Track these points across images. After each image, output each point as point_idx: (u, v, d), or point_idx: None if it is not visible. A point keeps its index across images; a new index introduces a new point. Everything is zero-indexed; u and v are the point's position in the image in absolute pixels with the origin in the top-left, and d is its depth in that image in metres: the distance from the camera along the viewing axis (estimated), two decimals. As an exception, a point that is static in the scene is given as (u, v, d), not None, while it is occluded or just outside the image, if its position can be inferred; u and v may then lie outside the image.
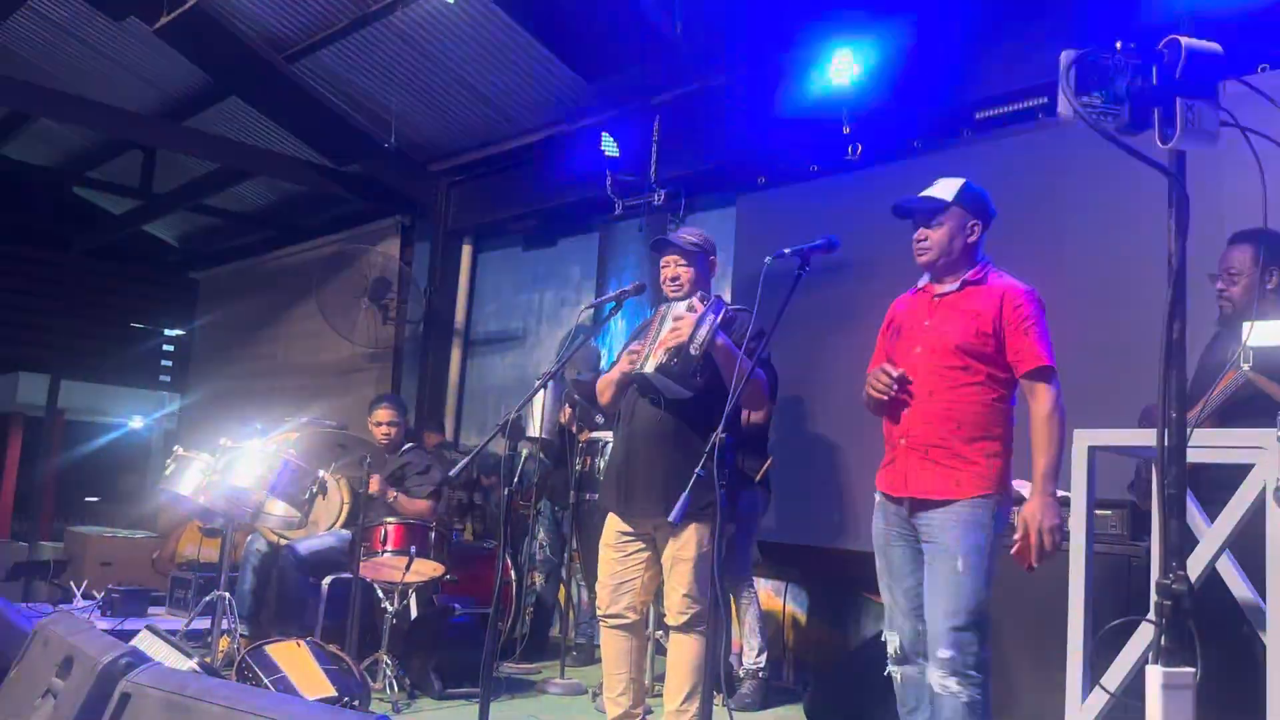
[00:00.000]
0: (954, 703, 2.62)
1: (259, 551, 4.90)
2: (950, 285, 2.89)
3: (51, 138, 9.15)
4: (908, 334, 2.93)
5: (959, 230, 2.87)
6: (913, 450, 2.81)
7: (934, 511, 2.73)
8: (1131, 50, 1.68)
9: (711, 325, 3.09)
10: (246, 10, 6.40)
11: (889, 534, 2.87)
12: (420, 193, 7.55)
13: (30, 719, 2.49)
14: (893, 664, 2.87)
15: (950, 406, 2.77)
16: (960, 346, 2.79)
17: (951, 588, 2.66)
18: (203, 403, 10.10)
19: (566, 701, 4.38)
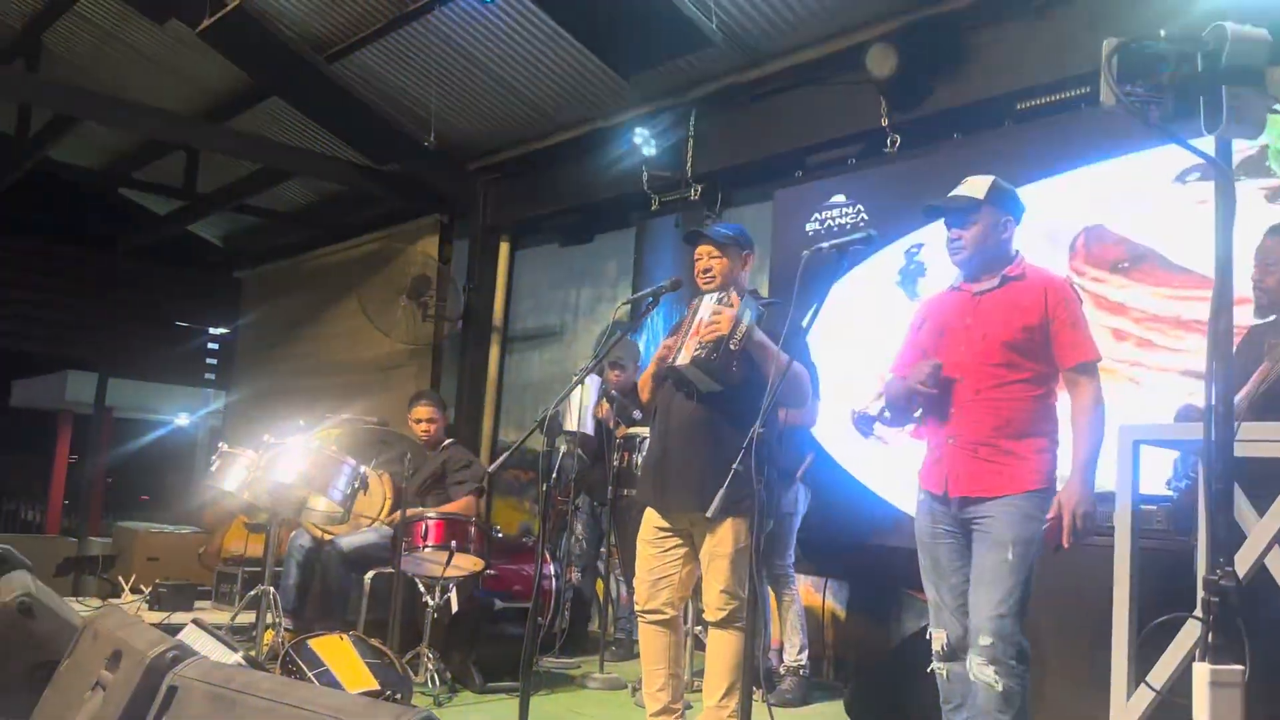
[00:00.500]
0: (990, 691, 2.63)
1: (303, 546, 4.97)
2: (990, 282, 2.88)
3: (97, 140, 9.31)
4: (949, 334, 2.92)
5: (993, 228, 2.87)
6: (961, 449, 2.81)
7: (986, 504, 2.75)
8: (1176, 37, 1.65)
9: (750, 319, 3.08)
10: (287, 11, 6.47)
11: (934, 531, 2.87)
12: (458, 191, 7.60)
13: (80, 711, 2.54)
14: (938, 660, 2.87)
15: (998, 404, 2.78)
16: (1007, 343, 2.78)
17: (999, 577, 2.67)
18: (247, 400, 10.23)
19: (606, 696, 4.40)
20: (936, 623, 2.88)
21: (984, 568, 2.72)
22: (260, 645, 4.28)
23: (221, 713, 2.04)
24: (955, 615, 2.82)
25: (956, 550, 2.83)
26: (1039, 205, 2.98)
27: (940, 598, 2.86)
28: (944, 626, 2.85)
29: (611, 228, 6.89)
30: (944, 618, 2.85)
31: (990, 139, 4.75)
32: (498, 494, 7.24)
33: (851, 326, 5.00)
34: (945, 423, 2.86)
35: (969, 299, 2.91)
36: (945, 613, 2.85)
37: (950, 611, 2.83)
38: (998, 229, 2.88)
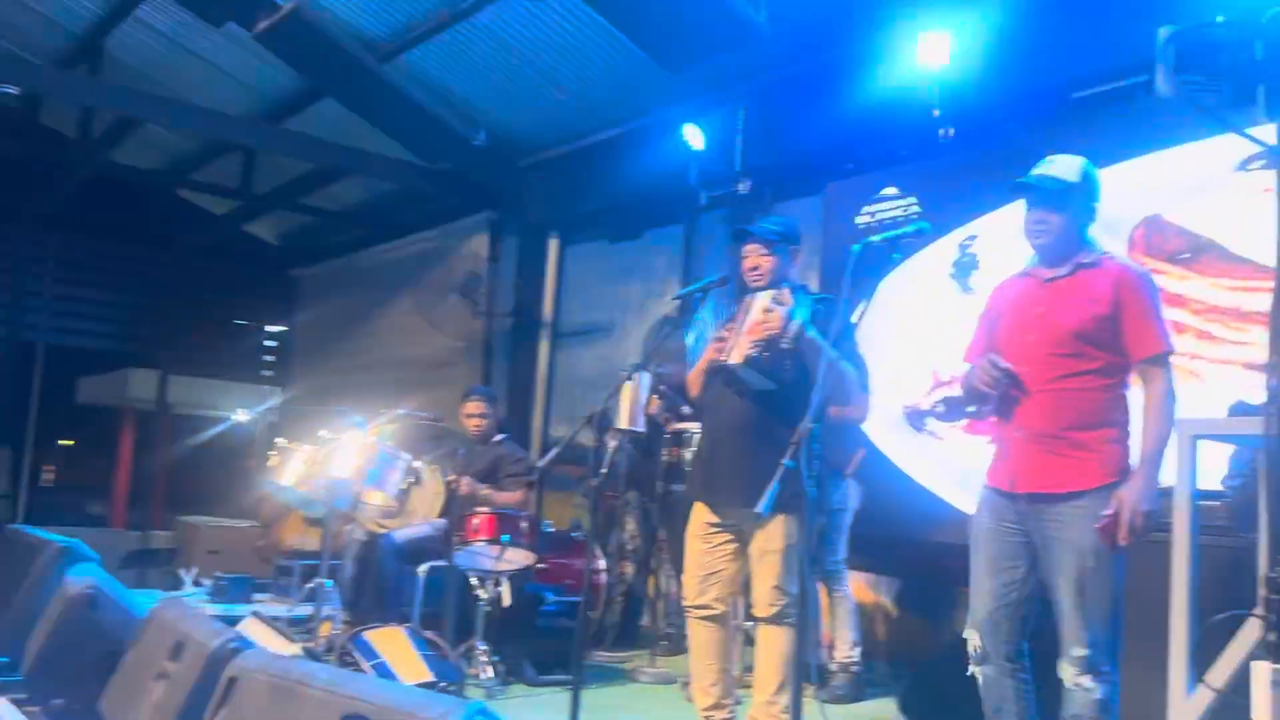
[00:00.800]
0: (1088, 698, 2.57)
1: (359, 540, 5.04)
2: (1062, 269, 2.77)
3: (156, 142, 9.51)
4: (1017, 321, 2.82)
5: (1080, 214, 2.77)
6: (1029, 443, 2.72)
7: (1059, 506, 2.65)
8: (1234, 24, 1.62)
9: (801, 320, 3.06)
10: (340, 13, 6.56)
11: (993, 527, 2.78)
12: (508, 188, 7.65)
13: (145, 700, 2.61)
14: (973, 663, 2.80)
15: (1067, 395, 2.68)
16: (1077, 333, 2.68)
17: (1084, 586, 2.59)
18: (303, 396, 10.40)
19: (656, 691, 4.41)
20: (972, 622, 2.80)
21: (1067, 577, 2.62)
22: (318, 637, 4.35)
23: (280, 703, 2.08)
24: (992, 615, 2.75)
25: (1015, 548, 2.74)
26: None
27: (980, 597, 2.78)
28: (977, 627, 2.78)
29: (660, 223, 6.89)
30: (980, 618, 2.78)
31: (1045, 128, 4.67)
32: (548, 489, 7.28)
33: (903, 320, 4.96)
34: (1012, 415, 2.77)
35: (1038, 285, 2.81)
36: (983, 613, 2.77)
37: (989, 611, 2.76)
38: (1085, 215, 2.77)
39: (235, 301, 11.36)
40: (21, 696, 3.26)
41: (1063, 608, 2.63)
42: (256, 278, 11.34)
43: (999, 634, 2.74)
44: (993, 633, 2.75)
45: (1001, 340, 2.85)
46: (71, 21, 7.78)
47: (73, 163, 9.04)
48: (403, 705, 1.85)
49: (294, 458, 4.71)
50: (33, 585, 3.65)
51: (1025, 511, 2.72)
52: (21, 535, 4.16)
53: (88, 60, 7.95)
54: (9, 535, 4.33)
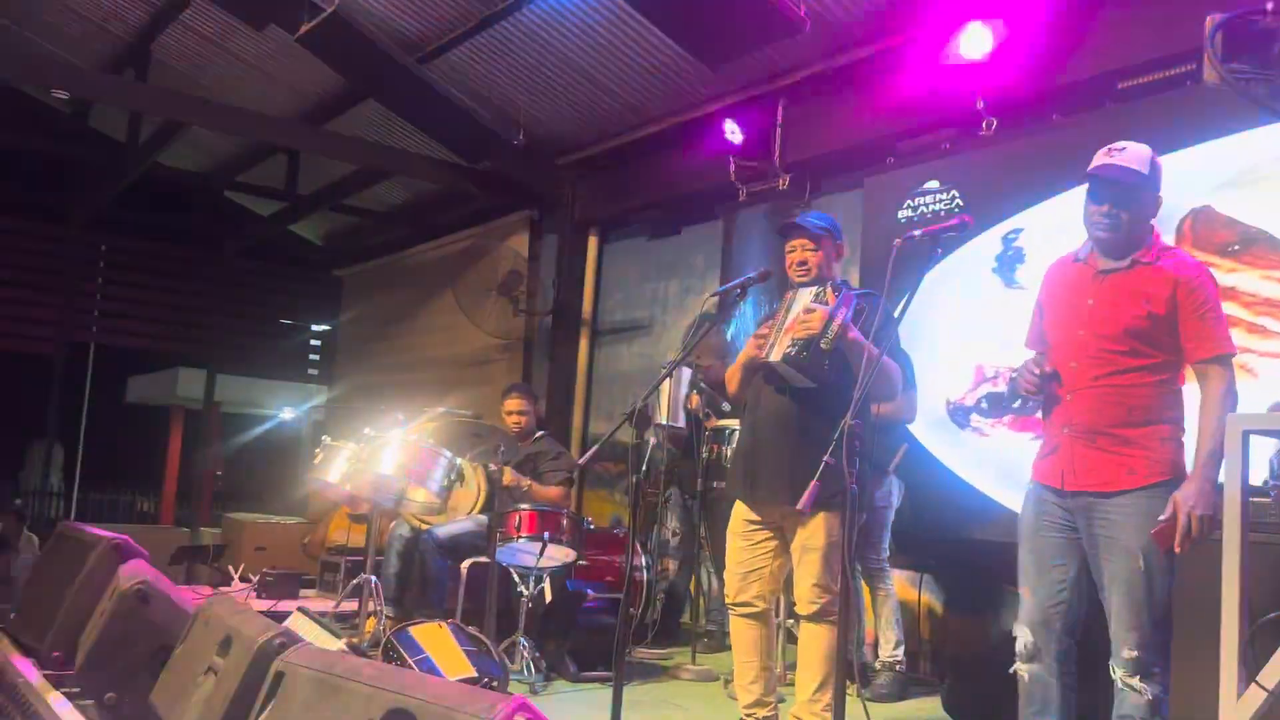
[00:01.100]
0: (1139, 699, 2.54)
1: (403, 536, 5.09)
2: (1118, 263, 2.69)
3: (203, 145, 9.67)
4: (1067, 313, 2.76)
5: (1149, 207, 2.70)
6: (1078, 439, 2.67)
7: (1108, 504, 2.61)
8: (1285, 11, 1.58)
9: (843, 319, 3.03)
10: (381, 15, 6.62)
11: (1040, 522, 2.75)
12: (548, 187, 7.68)
13: (194, 694, 2.66)
14: (1021, 661, 2.76)
15: (1118, 391, 2.63)
16: (1129, 330, 2.63)
17: (1135, 587, 2.55)
18: (348, 394, 10.53)
19: (698, 688, 4.41)
20: (1021, 619, 2.77)
21: (1117, 577, 2.58)
22: (363, 632, 4.41)
23: (326, 698, 2.11)
24: (1041, 615, 2.71)
25: (1062, 546, 2.70)
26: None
27: (1030, 594, 2.75)
28: (1029, 625, 2.74)
29: (699, 220, 6.88)
30: (1031, 616, 2.74)
31: (1090, 120, 4.60)
32: (588, 486, 7.31)
33: (945, 316, 4.91)
34: (1061, 411, 2.72)
35: (1091, 276, 2.73)
36: (1034, 611, 2.73)
37: (1039, 609, 2.72)
38: (1152, 208, 2.70)
39: (281, 301, 11.51)
40: (75, 690, 3.33)
41: (1112, 608, 2.59)
42: (302, 278, 11.49)
43: (1050, 632, 2.71)
44: (1044, 631, 2.72)
45: (1050, 330, 2.79)
46: (119, 27, 7.93)
47: (122, 166, 9.21)
48: (447, 700, 1.87)
49: (339, 455, 4.76)
50: (85, 581, 3.72)
51: (1074, 509, 2.68)
52: (74, 531, 4.25)
53: (135, 65, 8.10)
54: (62, 531, 4.43)
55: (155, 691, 2.95)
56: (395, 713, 1.92)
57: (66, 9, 7.85)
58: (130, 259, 10.50)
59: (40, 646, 3.80)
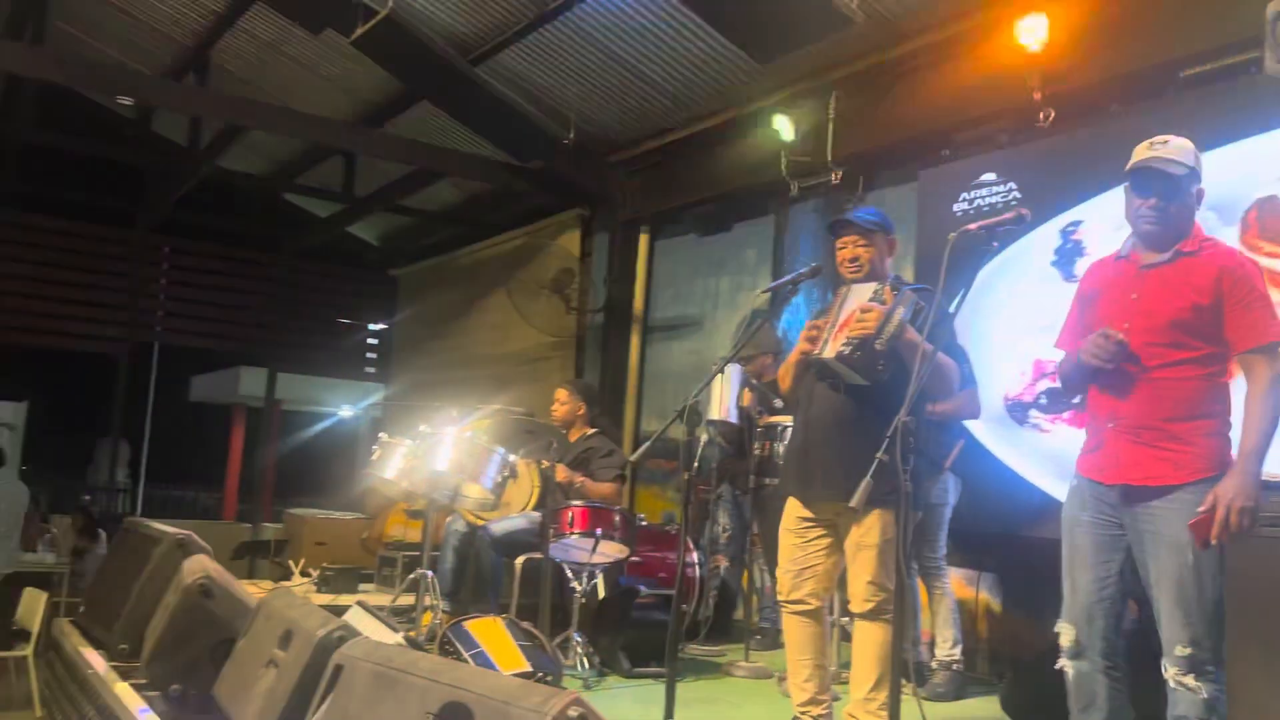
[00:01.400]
0: (1193, 699, 2.49)
1: (458, 532, 5.14)
2: (1161, 256, 2.67)
3: (262, 148, 9.85)
4: (1111, 308, 2.73)
5: (1191, 198, 2.67)
6: (1123, 434, 2.64)
7: (1155, 501, 2.57)
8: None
9: (901, 318, 2.99)
10: (434, 18, 6.70)
11: (1082, 518, 2.72)
12: (599, 185, 7.71)
13: (256, 686, 2.71)
14: (1065, 658, 2.74)
15: (1164, 386, 2.59)
16: (1175, 323, 2.59)
17: (1185, 583, 2.51)
18: (404, 391, 10.65)
19: (752, 685, 4.40)
20: (1066, 616, 2.74)
21: (1166, 574, 2.54)
22: (419, 626, 4.46)
23: (384, 690, 2.14)
24: (1086, 611, 2.68)
25: (1105, 541, 2.67)
26: (1205, 178, 2.77)
27: (1075, 588, 2.72)
28: (1073, 621, 2.71)
29: (750, 216, 6.86)
30: (1075, 612, 2.71)
31: (1151, 109, 4.50)
32: (640, 482, 7.33)
33: (1003, 311, 4.84)
34: (1106, 405, 2.69)
35: (1136, 271, 2.71)
36: (1078, 607, 2.71)
37: (1083, 605, 2.69)
38: (1195, 200, 2.68)
39: (339, 301, 11.68)
40: (141, 681, 3.42)
41: (1162, 606, 2.55)
42: (359, 278, 11.66)
43: (1094, 629, 2.68)
44: (1088, 627, 2.69)
45: (1094, 328, 2.76)
46: (180, 32, 8.11)
47: (184, 170, 9.42)
48: (502, 694, 1.89)
49: (396, 452, 4.83)
50: (151, 575, 3.82)
51: (1119, 504, 2.65)
52: (141, 527, 4.36)
53: (196, 70, 8.28)
54: (129, 527, 4.55)
55: (218, 683, 3.02)
56: (451, 706, 1.94)
57: (130, 17, 8.05)
58: (193, 261, 10.74)
59: (108, 639, 3.91)
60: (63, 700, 4.08)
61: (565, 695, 1.80)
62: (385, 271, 11.46)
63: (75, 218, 10.22)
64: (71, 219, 10.17)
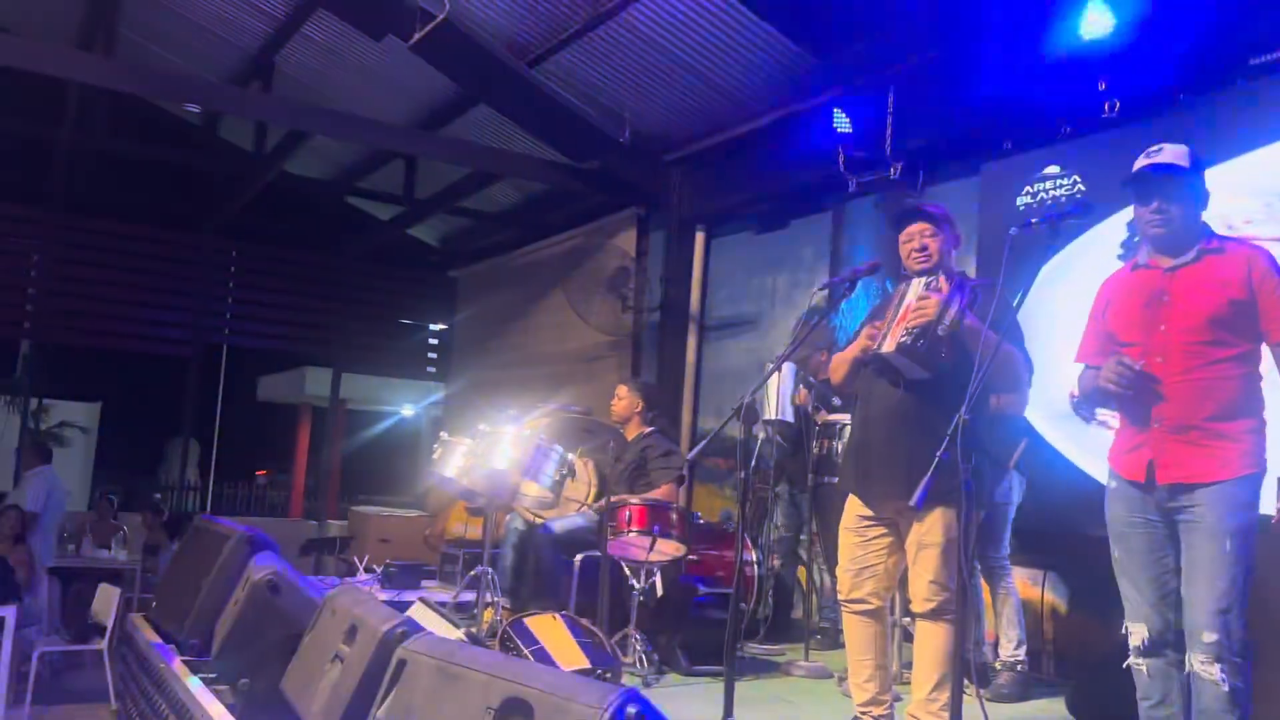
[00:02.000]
0: (1217, 690, 2.51)
1: (517, 530, 5.19)
2: (1185, 257, 2.72)
3: (325, 152, 10.03)
4: (1144, 314, 2.76)
5: (1197, 200, 2.74)
6: (1170, 434, 2.66)
7: (1197, 491, 2.60)
8: None
9: (959, 305, 2.96)
10: (491, 21, 6.76)
11: (1131, 520, 2.76)
12: (654, 183, 7.71)
13: (322, 680, 2.76)
14: (1137, 656, 2.75)
15: (1207, 384, 2.63)
16: (1213, 320, 2.63)
17: (1219, 570, 2.54)
18: (464, 391, 10.78)
19: (812, 684, 4.37)
20: (1134, 616, 2.76)
21: (1201, 561, 2.57)
22: (480, 622, 4.51)
23: (446, 685, 2.17)
24: (1155, 609, 2.71)
25: (1157, 540, 2.71)
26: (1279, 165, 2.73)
27: (1137, 590, 2.75)
28: (1142, 620, 2.73)
29: (807, 212, 6.81)
30: (1142, 611, 2.74)
31: (1221, 98, 4.38)
32: (698, 480, 7.32)
33: (1068, 306, 4.74)
34: (1150, 406, 2.71)
35: (1161, 275, 2.75)
36: (1144, 606, 2.73)
37: (1150, 605, 2.72)
38: (1201, 201, 2.74)
39: (400, 302, 11.84)
40: (211, 676, 3.50)
41: (1193, 594, 2.58)
42: (419, 279, 11.80)
43: (1165, 623, 2.70)
44: (1159, 624, 2.71)
45: (1126, 335, 2.79)
46: (245, 40, 8.29)
47: (250, 175, 9.62)
48: (562, 690, 1.90)
49: (456, 451, 4.88)
50: (220, 572, 3.90)
51: (1162, 501, 2.68)
52: (210, 525, 4.46)
53: (260, 77, 8.46)
54: (199, 525, 4.66)
55: (286, 678, 3.08)
56: (512, 701, 1.96)
57: (195, 25, 8.25)
58: (259, 264, 10.96)
59: (179, 634, 4.00)
60: (136, 694, 4.19)
61: (624, 692, 1.81)
62: (445, 272, 11.60)
63: (145, 223, 10.50)
64: (141, 224, 10.45)
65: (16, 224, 9.89)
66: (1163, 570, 2.70)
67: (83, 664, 6.41)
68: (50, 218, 10.02)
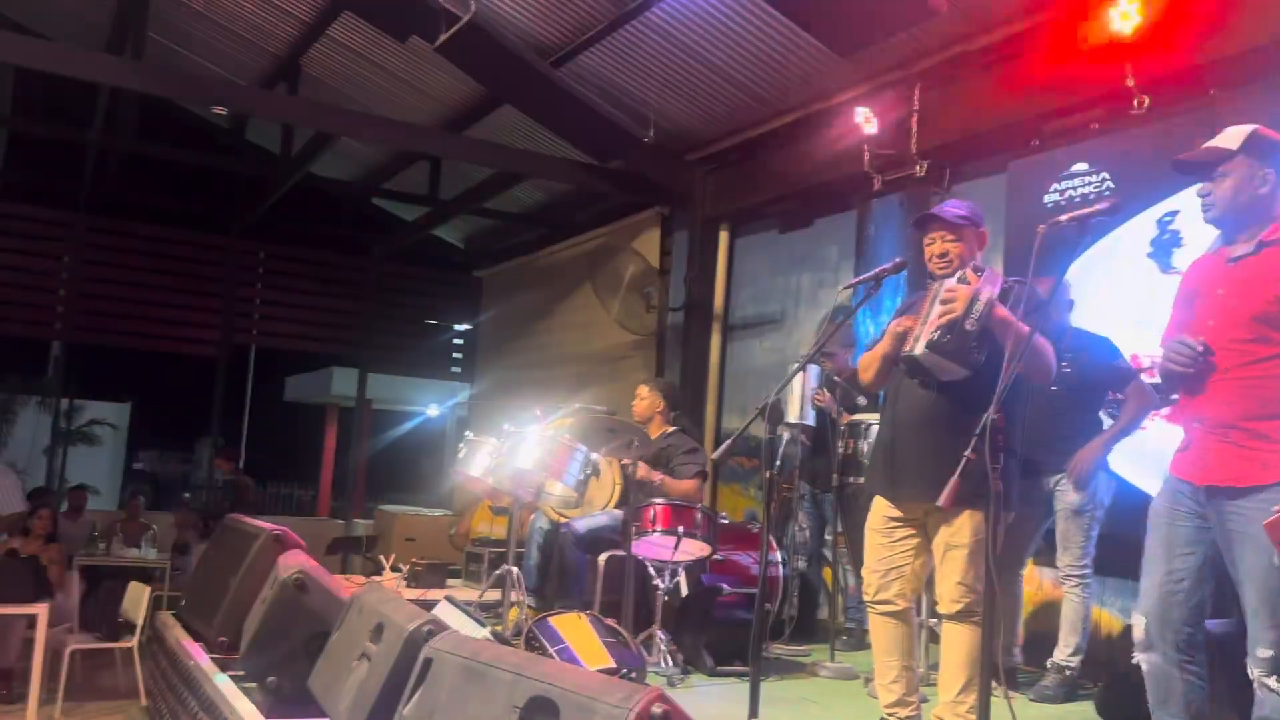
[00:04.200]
0: (1278, 701, 2.44)
1: (542, 529, 5.20)
2: (1245, 248, 2.62)
3: (351, 154, 10.09)
4: (1200, 305, 2.69)
5: (1247, 182, 2.61)
6: (1210, 433, 2.59)
7: (1241, 500, 2.51)
8: None
9: (989, 297, 2.93)
10: (515, 22, 6.77)
11: (1173, 513, 2.68)
12: (678, 183, 7.70)
13: (350, 678, 2.78)
14: (1139, 651, 2.70)
15: (1249, 383, 2.53)
16: (1257, 317, 2.53)
17: (1270, 583, 2.44)
18: (489, 391, 10.81)
19: (838, 685, 4.35)
20: (1140, 608, 2.71)
21: (1252, 574, 2.48)
22: (506, 621, 4.52)
23: (472, 684, 2.17)
24: (1161, 601, 2.64)
25: (1192, 534, 2.63)
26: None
27: (1150, 581, 2.68)
28: (1145, 613, 2.68)
29: (832, 211, 6.77)
30: (1148, 604, 2.67)
31: (1253, 93, 4.32)
32: (722, 480, 7.30)
33: (1098, 304, 4.70)
34: (1192, 405, 2.65)
35: (1223, 265, 2.67)
36: (1151, 599, 2.67)
37: (1157, 598, 2.65)
38: (1254, 183, 2.61)
39: (426, 302, 11.90)
40: (239, 673, 3.53)
41: (1248, 606, 2.51)
42: (444, 279, 11.85)
43: (1167, 622, 2.64)
44: (1160, 620, 2.65)
45: (1187, 324, 2.72)
46: (272, 43, 8.35)
47: (276, 177, 9.70)
48: (587, 689, 1.90)
49: (481, 450, 4.90)
50: (249, 570, 3.94)
51: (1206, 502, 2.61)
52: (239, 523, 4.50)
53: (287, 79, 8.52)
54: (228, 524, 4.70)
55: (313, 676, 3.10)
56: (537, 700, 1.96)
57: (222, 29, 8.32)
58: (286, 265, 11.04)
59: (208, 632, 4.04)
60: (165, 691, 4.24)
61: (649, 692, 1.80)
62: (470, 273, 11.64)
63: (173, 224, 10.60)
64: (170, 226, 10.55)
65: (47, 226, 10.03)
66: (1182, 565, 2.63)
67: (114, 661, 6.49)
68: (80, 220, 10.15)
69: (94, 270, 10.12)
